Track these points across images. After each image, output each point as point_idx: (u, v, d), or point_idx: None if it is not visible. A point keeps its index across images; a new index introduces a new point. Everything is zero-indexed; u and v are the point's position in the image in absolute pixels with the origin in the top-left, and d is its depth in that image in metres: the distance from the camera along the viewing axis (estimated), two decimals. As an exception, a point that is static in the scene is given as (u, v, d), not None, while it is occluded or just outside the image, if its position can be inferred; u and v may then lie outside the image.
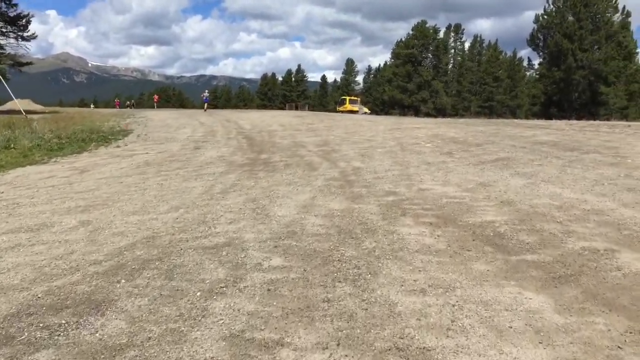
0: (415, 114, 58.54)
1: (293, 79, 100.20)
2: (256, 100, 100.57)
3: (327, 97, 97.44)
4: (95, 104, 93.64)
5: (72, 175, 9.92)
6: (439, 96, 66.27)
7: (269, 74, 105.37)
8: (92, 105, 79.84)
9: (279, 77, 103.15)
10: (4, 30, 35.84)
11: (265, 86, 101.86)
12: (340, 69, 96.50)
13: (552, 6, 51.47)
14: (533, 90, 59.47)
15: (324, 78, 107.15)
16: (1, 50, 35.78)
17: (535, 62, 60.46)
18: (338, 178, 8.66)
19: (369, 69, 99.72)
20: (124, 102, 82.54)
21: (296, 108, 71.42)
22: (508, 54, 75.58)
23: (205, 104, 40.96)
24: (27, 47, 36.72)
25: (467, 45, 79.19)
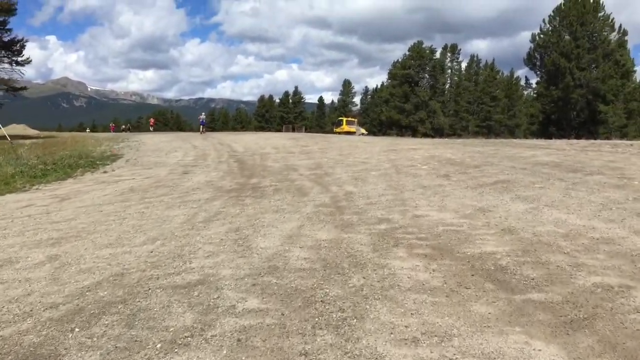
0: (413, 135, 58.23)
1: (290, 100, 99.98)
2: (254, 123, 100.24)
3: (324, 119, 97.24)
4: (91, 129, 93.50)
5: (52, 204, 9.47)
6: (437, 116, 66.00)
7: (266, 96, 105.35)
8: (87, 130, 79.61)
9: (277, 99, 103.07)
10: (-3, 55, 35.69)
11: (263, 108, 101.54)
12: (337, 90, 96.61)
13: (548, 25, 51.59)
14: (531, 109, 59.31)
15: (321, 99, 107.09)
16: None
17: (533, 81, 60.48)
18: (328, 204, 8.19)
19: (366, 89, 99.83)
20: (120, 126, 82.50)
21: (293, 130, 71.16)
22: (505, 74, 75.55)
23: (202, 127, 40.88)
24: (21, 71, 36.43)
25: (463, 65, 79.09)
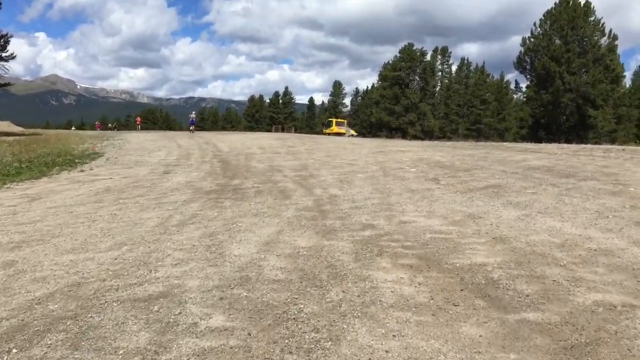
0: (403, 137, 57.95)
1: (280, 101, 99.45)
2: (243, 122, 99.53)
3: (314, 120, 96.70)
4: (80, 127, 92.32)
5: (20, 204, 8.97)
6: (427, 119, 65.75)
7: (257, 96, 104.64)
8: (72, 127, 78.50)
9: (267, 99, 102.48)
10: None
11: (253, 108, 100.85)
12: (328, 92, 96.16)
13: (539, 29, 51.46)
14: (520, 113, 59.30)
15: (311, 100, 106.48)
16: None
17: (523, 85, 60.37)
18: (311, 208, 7.78)
19: (357, 91, 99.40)
20: (107, 125, 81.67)
21: (282, 130, 70.66)
22: (495, 77, 75.54)
23: (191, 126, 40.65)
24: (5, 67, 35.72)
25: (454, 68, 79.05)
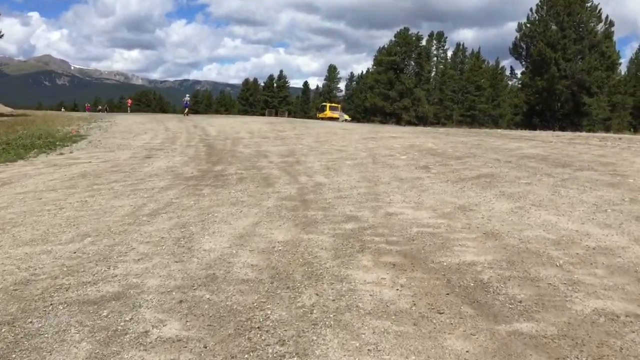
0: (397, 122, 57.44)
1: (275, 84, 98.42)
2: (237, 106, 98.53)
3: (309, 104, 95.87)
4: (72, 108, 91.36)
5: (-12, 189, 8.50)
6: (421, 104, 65.13)
7: (252, 80, 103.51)
8: (62, 109, 77.50)
9: (261, 83, 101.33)
10: (-34, 29, 34.01)
11: (247, 92, 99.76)
12: (323, 76, 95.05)
13: (535, 15, 50.80)
14: (515, 99, 58.74)
15: (306, 84, 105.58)
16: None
17: (518, 71, 59.80)
18: (294, 197, 7.36)
19: (352, 75, 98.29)
20: (97, 107, 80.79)
21: (276, 114, 69.96)
22: (491, 63, 74.90)
23: (186, 109, 39.97)
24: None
25: (449, 53, 78.34)
